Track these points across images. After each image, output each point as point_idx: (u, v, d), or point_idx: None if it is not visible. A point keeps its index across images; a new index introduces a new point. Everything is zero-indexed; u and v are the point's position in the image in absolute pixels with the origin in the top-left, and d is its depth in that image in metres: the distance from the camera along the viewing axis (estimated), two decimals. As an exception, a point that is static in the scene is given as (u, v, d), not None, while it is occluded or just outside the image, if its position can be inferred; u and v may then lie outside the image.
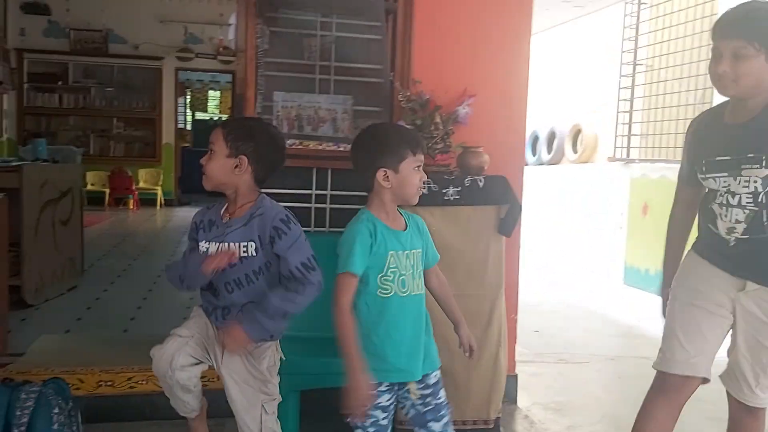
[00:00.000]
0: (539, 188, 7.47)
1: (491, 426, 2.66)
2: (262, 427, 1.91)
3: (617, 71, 6.65)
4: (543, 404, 3.10)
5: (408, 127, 2.09)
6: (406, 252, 1.75)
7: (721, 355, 1.94)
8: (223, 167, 1.81)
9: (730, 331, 1.92)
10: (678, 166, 2.06)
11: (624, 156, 6.57)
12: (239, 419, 1.92)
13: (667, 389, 1.93)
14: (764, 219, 1.75)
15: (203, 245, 1.85)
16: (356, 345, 1.66)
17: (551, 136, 8.16)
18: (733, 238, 1.81)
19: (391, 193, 1.73)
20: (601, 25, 7.48)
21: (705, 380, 1.91)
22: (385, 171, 1.70)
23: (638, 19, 6.45)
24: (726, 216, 1.82)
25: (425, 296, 1.83)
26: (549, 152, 8.15)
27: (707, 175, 1.86)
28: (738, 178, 1.78)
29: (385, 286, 1.72)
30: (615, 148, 6.67)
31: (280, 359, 2.01)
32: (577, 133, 7.68)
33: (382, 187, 1.72)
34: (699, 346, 1.89)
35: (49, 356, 3.02)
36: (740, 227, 1.79)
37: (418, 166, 1.74)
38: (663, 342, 1.98)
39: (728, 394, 1.98)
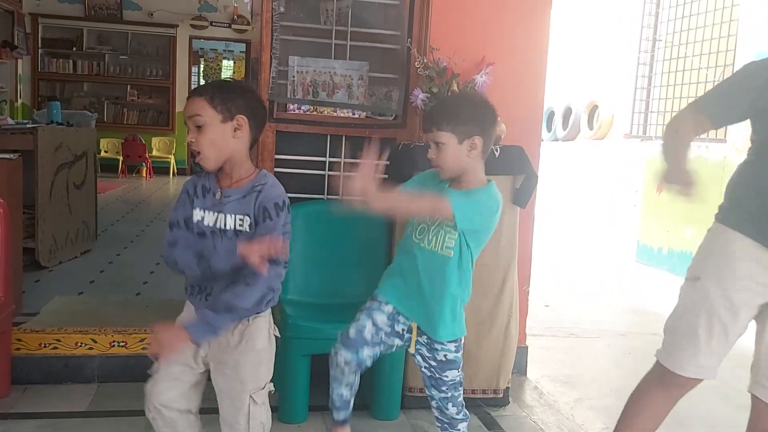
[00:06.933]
0: (554, 164, 7.40)
1: (500, 395, 2.67)
2: (250, 419, 1.68)
3: (636, 47, 6.52)
4: (552, 377, 3.11)
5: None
6: None
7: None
8: (221, 135, 1.57)
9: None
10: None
11: (640, 133, 6.48)
12: (223, 410, 1.71)
13: (669, 386, 1.82)
14: None
15: (198, 213, 1.64)
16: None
17: (567, 112, 8.07)
18: None
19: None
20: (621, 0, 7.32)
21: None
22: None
23: (660, -7, 6.32)
24: None
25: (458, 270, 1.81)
26: (564, 128, 8.06)
27: None
28: None
29: (410, 228, 1.90)
30: (632, 125, 6.58)
31: (276, 338, 1.78)
32: (593, 110, 7.58)
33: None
34: (721, 351, 1.75)
35: (63, 316, 3.06)
36: None
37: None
38: (675, 337, 1.80)
39: (754, 397, 1.80)
